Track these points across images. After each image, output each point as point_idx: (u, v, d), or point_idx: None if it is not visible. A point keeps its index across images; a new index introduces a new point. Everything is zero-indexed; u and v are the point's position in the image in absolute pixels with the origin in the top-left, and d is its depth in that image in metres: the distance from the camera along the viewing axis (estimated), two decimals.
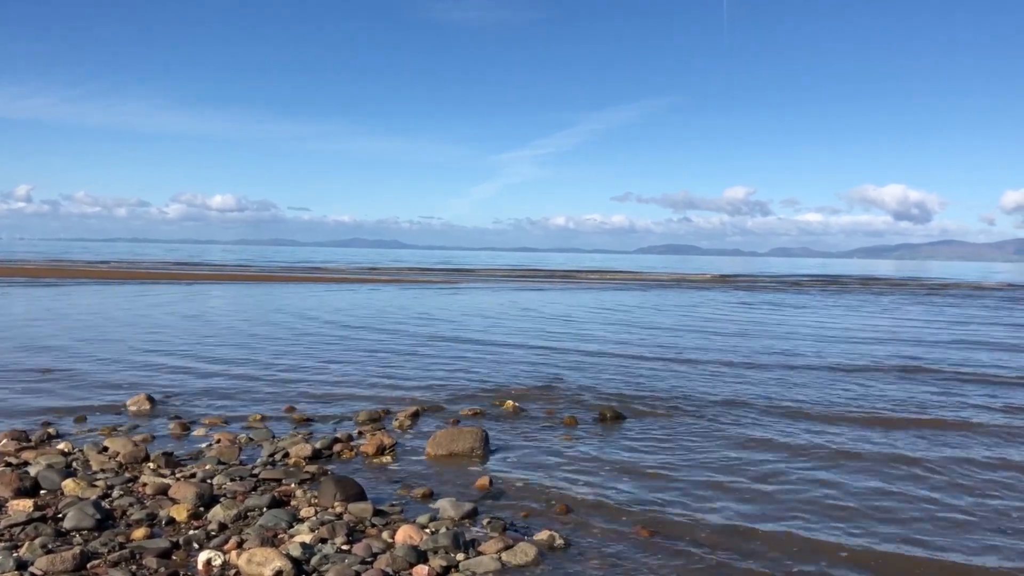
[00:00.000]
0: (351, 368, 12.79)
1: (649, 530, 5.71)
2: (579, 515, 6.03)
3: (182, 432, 8.45)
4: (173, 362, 12.99)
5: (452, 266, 78.17)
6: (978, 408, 10.25)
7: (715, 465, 7.47)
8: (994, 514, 6.24)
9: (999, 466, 7.54)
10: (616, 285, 46.11)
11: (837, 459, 7.72)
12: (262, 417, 9.12)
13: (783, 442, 8.35)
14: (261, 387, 11.00)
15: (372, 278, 48.25)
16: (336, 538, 5.28)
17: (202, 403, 9.92)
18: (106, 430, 8.37)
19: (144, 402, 9.55)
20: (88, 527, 5.38)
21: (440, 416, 9.45)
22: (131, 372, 11.99)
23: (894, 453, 7.95)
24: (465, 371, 12.66)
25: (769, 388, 11.46)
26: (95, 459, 7.02)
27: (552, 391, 11.00)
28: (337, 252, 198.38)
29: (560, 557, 5.21)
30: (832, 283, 53.36)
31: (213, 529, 5.50)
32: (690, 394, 10.89)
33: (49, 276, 40.01)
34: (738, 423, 9.21)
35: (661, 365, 13.59)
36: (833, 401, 10.57)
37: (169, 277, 43.18)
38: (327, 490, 6.12)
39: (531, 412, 9.67)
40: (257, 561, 4.73)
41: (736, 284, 50.12)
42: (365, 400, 10.23)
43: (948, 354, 15.65)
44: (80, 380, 11.21)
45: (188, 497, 5.92)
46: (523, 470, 7.24)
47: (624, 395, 10.74)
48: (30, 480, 6.25)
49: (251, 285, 37.99)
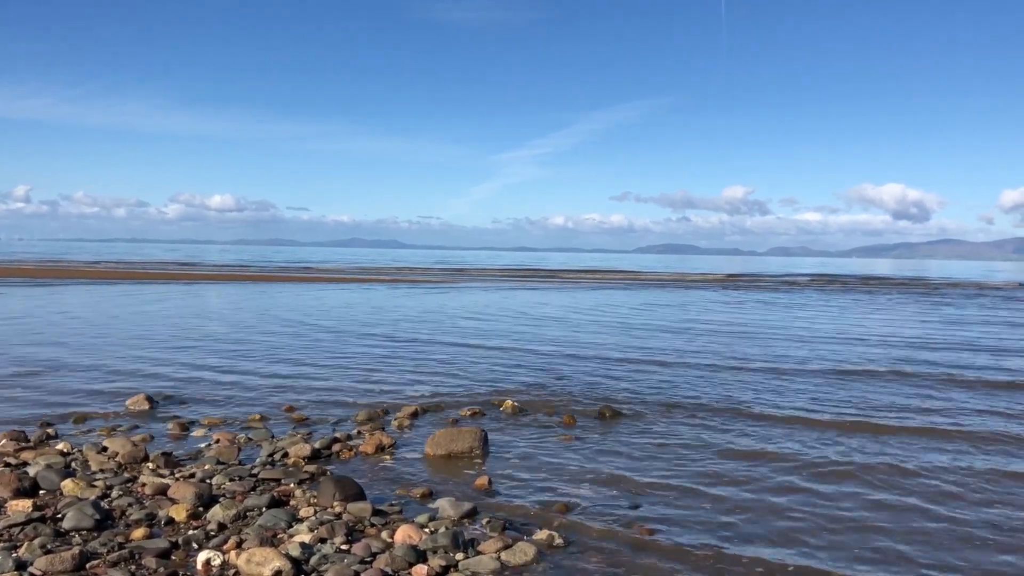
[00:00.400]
0: (350, 368, 12.78)
1: (649, 529, 5.72)
2: (578, 514, 6.04)
3: (181, 432, 8.45)
4: (172, 362, 12.98)
5: (449, 266, 78.14)
6: (968, 412, 10.27)
7: (713, 464, 7.48)
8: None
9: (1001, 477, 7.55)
10: (613, 285, 46.12)
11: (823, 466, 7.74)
12: (261, 417, 9.12)
13: (783, 440, 8.37)
14: (260, 387, 10.99)
15: (369, 278, 48.24)
16: (335, 538, 5.28)
17: (201, 403, 9.92)
18: (105, 430, 8.38)
19: (143, 402, 9.55)
20: (87, 527, 5.38)
21: (439, 416, 9.45)
22: (130, 372, 11.98)
23: (901, 467, 7.96)
24: (464, 371, 12.66)
25: (764, 391, 11.48)
26: (94, 459, 7.02)
27: (551, 390, 11.00)
28: (336, 252, 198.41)
29: (559, 556, 5.22)
30: (831, 282, 53.39)
31: (212, 529, 5.50)
32: (688, 393, 10.89)
33: (46, 276, 39.99)
34: (735, 422, 9.22)
35: (660, 365, 13.58)
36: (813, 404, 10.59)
37: (166, 277, 43.15)
38: (326, 490, 6.12)
39: (530, 412, 9.68)
40: (256, 561, 4.74)
41: (737, 284, 50.14)
42: (364, 400, 10.23)
43: (938, 356, 15.66)
44: (79, 380, 11.20)
45: (187, 497, 5.92)
46: (522, 470, 7.25)
47: (623, 394, 10.74)
48: (29, 480, 6.25)
49: (248, 285, 37.97)
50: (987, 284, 53.64)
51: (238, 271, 54.47)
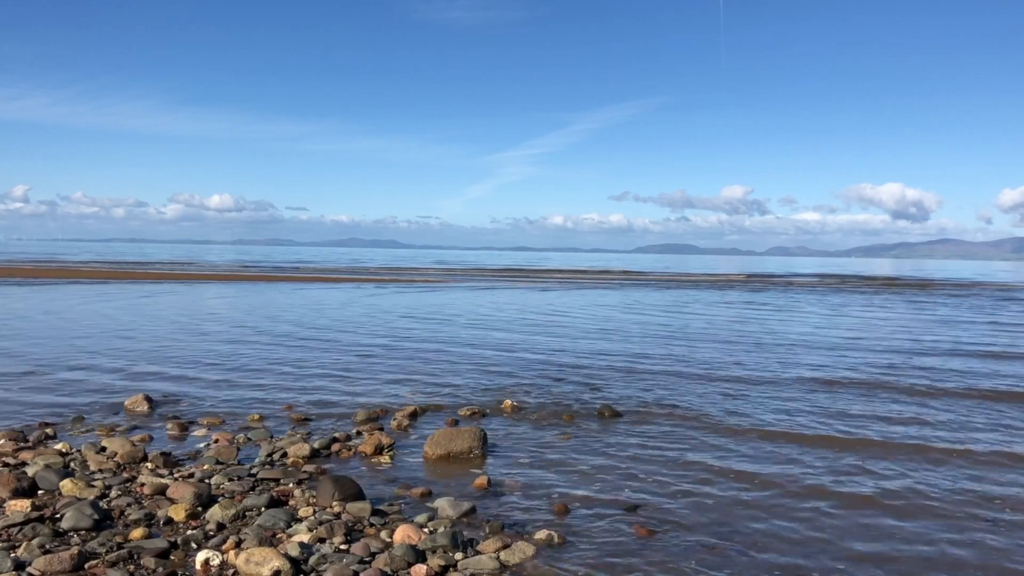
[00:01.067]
0: (349, 368, 12.77)
1: (647, 529, 5.72)
2: (577, 514, 6.04)
3: (180, 432, 8.44)
4: (171, 362, 12.96)
5: (448, 265, 78.14)
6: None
7: (712, 464, 7.48)
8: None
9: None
10: (609, 285, 46.12)
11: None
12: (260, 417, 9.12)
13: (783, 443, 8.38)
14: (259, 387, 10.98)
15: (368, 278, 48.23)
16: (334, 538, 5.28)
17: (200, 403, 9.91)
18: (104, 430, 8.37)
19: (142, 402, 9.54)
20: (86, 527, 5.38)
21: (438, 416, 9.45)
22: (129, 372, 11.97)
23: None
24: (463, 370, 12.65)
25: (771, 397, 11.48)
26: (93, 459, 7.02)
27: (550, 390, 11.00)
28: (335, 252, 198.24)
29: (558, 556, 5.21)
30: (831, 282, 53.42)
31: (211, 529, 5.49)
32: (689, 395, 10.90)
33: (44, 276, 39.95)
34: (732, 419, 9.23)
35: (659, 365, 13.59)
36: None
37: (165, 277, 43.11)
38: (325, 490, 6.12)
39: (529, 411, 9.67)
40: (255, 561, 4.73)
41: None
42: (363, 400, 10.22)
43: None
44: (78, 380, 11.19)
45: (186, 497, 5.91)
46: (521, 469, 7.24)
47: (623, 394, 10.74)
48: (28, 480, 6.24)
49: (246, 285, 37.94)
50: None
51: (237, 271, 54.44)
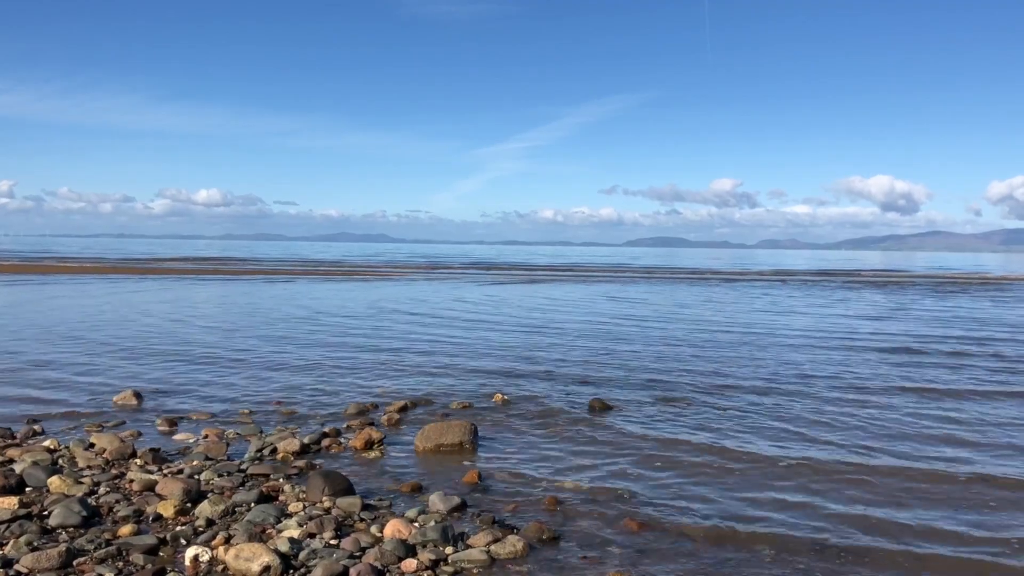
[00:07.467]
0: (339, 362, 12.74)
1: (638, 522, 5.73)
2: (568, 507, 6.05)
3: (169, 428, 8.39)
4: (159, 358, 12.89)
5: (436, 262, 78.00)
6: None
7: (704, 457, 7.50)
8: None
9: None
10: (602, 279, 46.18)
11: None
12: (250, 412, 9.08)
13: (777, 435, 8.42)
14: (249, 382, 10.94)
15: (361, 272, 48.09)
16: (324, 533, 5.27)
17: (189, 399, 9.86)
18: (92, 426, 8.31)
19: (131, 398, 9.49)
20: (74, 524, 5.35)
21: (429, 409, 9.44)
22: (117, 368, 11.89)
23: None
24: (454, 364, 12.64)
25: (764, 390, 11.54)
26: (81, 456, 6.97)
27: (542, 383, 11.01)
28: (324, 247, 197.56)
29: (549, 549, 5.22)
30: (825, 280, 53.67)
31: (200, 525, 5.47)
32: (680, 388, 10.92)
33: (29, 272, 39.64)
34: (724, 414, 9.27)
35: (649, 359, 13.62)
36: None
37: (151, 272, 42.86)
38: (315, 485, 6.10)
39: (520, 405, 9.68)
40: (245, 557, 4.72)
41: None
42: (353, 394, 10.20)
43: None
44: (66, 376, 11.11)
45: (175, 493, 5.89)
46: (512, 463, 7.25)
47: (613, 388, 10.76)
48: (15, 477, 6.19)
49: (231, 280, 37.77)
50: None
51: (222, 265, 54.18)
